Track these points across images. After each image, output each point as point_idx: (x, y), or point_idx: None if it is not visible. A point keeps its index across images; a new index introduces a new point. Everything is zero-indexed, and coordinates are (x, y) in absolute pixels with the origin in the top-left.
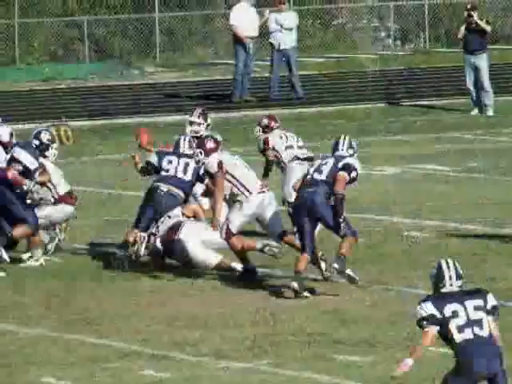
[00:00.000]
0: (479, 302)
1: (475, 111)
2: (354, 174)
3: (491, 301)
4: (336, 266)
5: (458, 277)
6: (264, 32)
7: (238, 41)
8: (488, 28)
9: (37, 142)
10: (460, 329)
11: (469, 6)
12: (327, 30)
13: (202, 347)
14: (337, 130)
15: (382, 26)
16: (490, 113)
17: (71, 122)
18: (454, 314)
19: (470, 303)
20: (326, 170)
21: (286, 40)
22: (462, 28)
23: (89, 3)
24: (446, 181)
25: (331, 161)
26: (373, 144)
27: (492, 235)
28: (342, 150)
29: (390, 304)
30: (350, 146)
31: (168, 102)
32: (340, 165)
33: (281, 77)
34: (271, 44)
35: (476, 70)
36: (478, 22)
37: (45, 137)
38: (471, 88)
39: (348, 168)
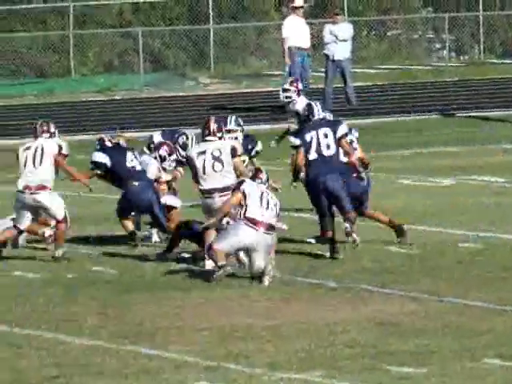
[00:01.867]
0: None
1: None
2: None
3: None
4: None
5: None
6: (319, 43)
7: (290, 52)
8: None
9: None
10: None
11: None
12: (382, 42)
13: (255, 359)
14: (392, 141)
15: (437, 37)
16: None
17: (126, 134)
18: None
19: None
20: (332, 143)
21: (341, 51)
22: None
23: (145, 15)
24: (501, 192)
25: (328, 132)
26: (427, 155)
27: None
28: (319, 114)
29: (443, 315)
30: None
31: (222, 113)
32: (340, 133)
33: (335, 88)
34: (326, 55)
35: None
36: None
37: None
38: None
39: (346, 135)
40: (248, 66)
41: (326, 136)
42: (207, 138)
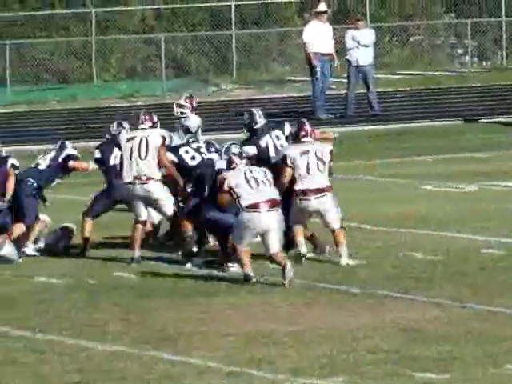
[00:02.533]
0: None
1: None
2: None
3: None
4: None
5: None
6: (341, 49)
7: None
8: None
9: None
10: None
11: None
12: (404, 47)
13: (278, 364)
14: (414, 147)
15: (459, 43)
16: None
17: None
18: None
19: None
20: (284, 143)
21: (363, 57)
22: None
23: (167, 21)
24: None
25: (279, 133)
26: (450, 161)
27: None
28: (261, 120)
29: (466, 322)
30: None
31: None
32: (286, 133)
33: (357, 94)
34: (348, 61)
35: None
36: None
37: None
38: None
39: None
40: (270, 71)
41: (278, 138)
42: (304, 140)
